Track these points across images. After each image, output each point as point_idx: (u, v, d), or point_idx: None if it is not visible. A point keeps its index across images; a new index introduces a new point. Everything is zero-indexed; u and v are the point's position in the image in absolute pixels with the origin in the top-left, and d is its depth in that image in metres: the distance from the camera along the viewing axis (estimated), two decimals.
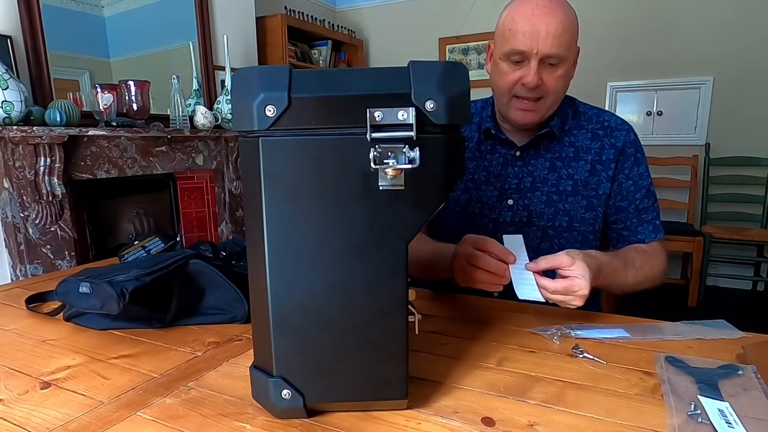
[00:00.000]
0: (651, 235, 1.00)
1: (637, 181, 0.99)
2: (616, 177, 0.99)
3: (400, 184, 0.47)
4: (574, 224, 1.00)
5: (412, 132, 0.45)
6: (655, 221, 1.01)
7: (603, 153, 0.99)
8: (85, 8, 2.34)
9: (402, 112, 0.46)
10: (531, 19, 0.85)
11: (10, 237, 1.99)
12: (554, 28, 0.85)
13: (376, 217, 0.48)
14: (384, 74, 0.48)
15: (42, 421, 0.53)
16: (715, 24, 3.14)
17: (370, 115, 0.45)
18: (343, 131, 0.47)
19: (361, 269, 0.50)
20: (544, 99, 0.92)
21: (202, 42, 2.77)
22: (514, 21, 0.87)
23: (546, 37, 0.85)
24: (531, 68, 0.88)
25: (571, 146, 1.00)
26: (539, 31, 0.85)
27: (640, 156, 1.00)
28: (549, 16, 0.85)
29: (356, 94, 0.46)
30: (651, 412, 0.54)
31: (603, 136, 1.00)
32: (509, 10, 0.90)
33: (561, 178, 0.99)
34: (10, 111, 1.77)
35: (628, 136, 0.99)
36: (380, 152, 0.45)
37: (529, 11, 0.86)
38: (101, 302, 0.73)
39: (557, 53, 0.87)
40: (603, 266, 0.82)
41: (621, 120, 1.02)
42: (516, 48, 0.87)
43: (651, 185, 1.01)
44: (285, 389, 0.51)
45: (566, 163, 0.99)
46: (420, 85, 0.46)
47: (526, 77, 0.89)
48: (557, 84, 0.90)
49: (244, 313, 0.80)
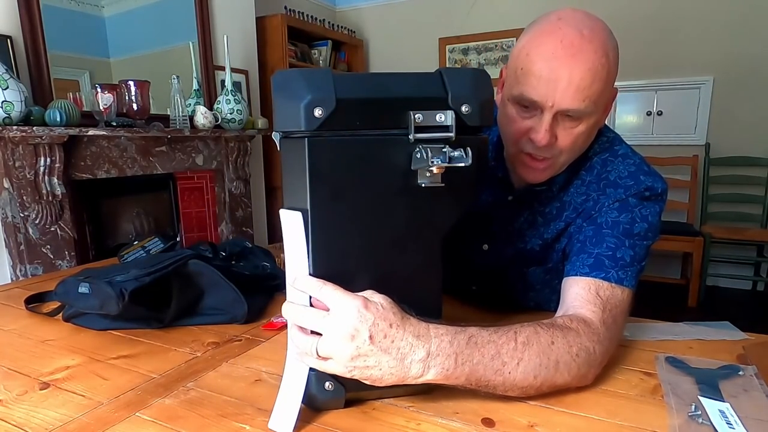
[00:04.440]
0: (581, 270, 0.68)
1: (607, 224, 0.72)
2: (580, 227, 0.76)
3: (439, 181, 0.50)
4: (536, 286, 0.85)
5: (451, 133, 0.49)
6: (606, 260, 0.68)
7: (581, 210, 0.77)
8: (85, 8, 2.34)
9: (440, 114, 0.50)
10: (551, 61, 0.64)
11: (10, 237, 1.99)
12: (579, 77, 0.63)
13: (416, 213, 0.52)
14: (420, 79, 0.51)
15: (41, 422, 0.53)
16: (715, 24, 3.13)
17: (412, 118, 0.49)
18: (384, 132, 0.50)
19: (400, 263, 0.53)
20: (556, 158, 0.72)
21: (202, 42, 2.77)
22: (530, 59, 0.66)
23: (567, 88, 0.64)
24: (543, 123, 0.67)
25: (558, 201, 0.79)
26: (559, 79, 0.64)
27: (633, 205, 0.72)
28: (575, 60, 0.63)
29: (398, 96, 0.49)
30: (651, 412, 0.54)
31: (594, 191, 0.76)
32: (527, 42, 0.68)
33: (534, 236, 0.81)
34: (10, 111, 1.77)
35: (627, 192, 0.73)
36: (429, 152, 0.48)
37: (550, 50, 0.64)
38: (100, 302, 0.73)
39: (578, 109, 0.65)
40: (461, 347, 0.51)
41: (630, 174, 0.74)
42: (527, 95, 0.66)
43: (634, 236, 0.71)
44: (327, 381, 0.52)
45: (546, 220, 0.80)
46: (455, 90, 0.50)
47: (535, 132, 0.68)
48: (575, 142, 0.69)
49: (244, 313, 0.80)
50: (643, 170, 0.75)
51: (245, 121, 2.76)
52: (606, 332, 0.61)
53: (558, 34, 0.64)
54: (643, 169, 0.75)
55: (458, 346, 0.50)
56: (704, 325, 0.77)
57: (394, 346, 0.48)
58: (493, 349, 0.52)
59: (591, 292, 0.66)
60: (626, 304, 0.68)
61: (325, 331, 0.48)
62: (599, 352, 0.59)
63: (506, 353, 0.52)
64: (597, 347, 0.59)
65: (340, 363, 0.48)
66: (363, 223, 0.51)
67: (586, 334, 0.59)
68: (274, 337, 0.76)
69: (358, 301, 0.48)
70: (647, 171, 0.75)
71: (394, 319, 0.49)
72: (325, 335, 0.48)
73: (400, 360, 0.48)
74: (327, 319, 0.48)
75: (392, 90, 0.50)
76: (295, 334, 0.51)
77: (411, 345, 0.48)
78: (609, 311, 0.64)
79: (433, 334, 0.50)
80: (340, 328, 0.47)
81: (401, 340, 0.48)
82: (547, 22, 0.67)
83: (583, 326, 0.60)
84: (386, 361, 0.48)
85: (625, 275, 0.68)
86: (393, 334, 0.48)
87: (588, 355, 0.58)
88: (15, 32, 2.00)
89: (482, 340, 0.52)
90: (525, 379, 0.53)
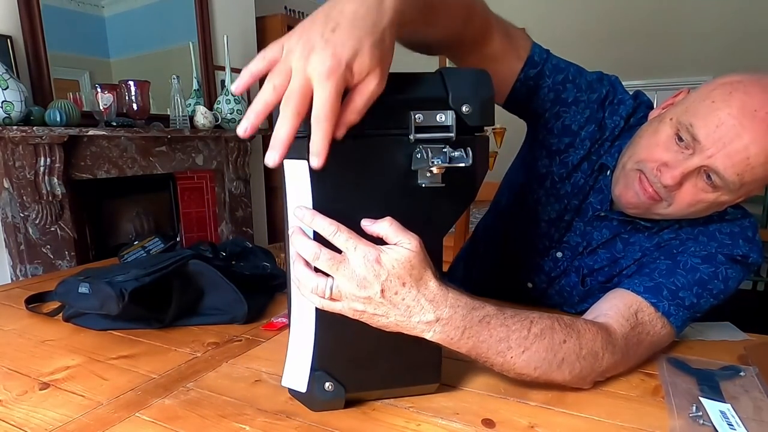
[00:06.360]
0: (636, 287, 0.66)
1: (685, 266, 0.68)
2: None
3: (439, 181, 0.50)
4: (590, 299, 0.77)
5: (452, 133, 0.49)
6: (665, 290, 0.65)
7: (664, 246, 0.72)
8: (85, 8, 2.34)
9: (440, 115, 0.49)
10: (744, 117, 0.57)
11: (10, 237, 1.99)
12: (757, 150, 0.57)
13: (416, 213, 0.51)
14: (420, 79, 0.51)
15: (41, 422, 0.53)
16: (715, 24, 3.14)
17: (413, 118, 0.49)
18: (385, 132, 0.49)
19: None
20: (662, 205, 0.65)
21: (202, 42, 2.77)
22: (727, 100, 0.59)
23: (736, 152, 0.58)
24: (684, 165, 0.61)
25: (657, 236, 0.73)
26: (738, 138, 0.57)
27: (720, 262, 0.68)
28: (764, 135, 0.57)
29: (398, 96, 0.49)
30: (652, 413, 0.54)
31: (685, 234, 0.71)
32: (737, 82, 0.60)
33: (607, 259, 0.78)
34: (10, 111, 1.77)
35: (720, 249, 0.68)
36: (429, 152, 0.48)
37: (752, 106, 0.57)
38: (100, 302, 0.73)
39: (726, 178, 0.59)
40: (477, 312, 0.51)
41: (731, 233, 0.70)
42: (695, 130, 0.60)
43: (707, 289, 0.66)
44: (327, 382, 0.52)
45: (625, 248, 0.76)
46: (456, 90, 0.50)
47: (668, 169, 0.62)
48: (692, 205, 0.64)
49: (244, 313, 0.79)
50: (746, 236, 0.69)
51: None
52: (624, 347, 0.59)
53: (762, 96, 0.57)
54: (746, 234, 0.70)
55: (470, 321, 0.50)
56: (705, 325, 0.77)
57: (404, 303, 0.48)
58: (503, 332, 0.52)
59: (630, 310, 0.63)
60: (661, 338, 0.65)
61: (337, 276, 0.47)
62: (607, 361, 0.58)
63: (515, 340, 0.52)
64: (607, 356, 0.57)
65: (349, 307, 0.48)
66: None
67: (601, 341, 0.57)
68: (274, 337, 0.75)
69: (373, 254, 0.47)
70: (749, 238, 0.69)
71: (409, 278, 0.47)
72: (336, 279, 0.47)
73: (408, 316, 0.48)
74: (341, 264, 0.47)
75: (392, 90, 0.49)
76: (300, 270, 0.48)
77: (422, 307, 0.48)
78: (638, 333, 0.62)
79: (450, 303, 0.49)
80: (353, 277, 0.47)
81: (412, 300, 0.48)
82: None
83: (604, 334, 0.58)
84: (393, 314, 0.48)
85: (676, 312, 0.64)
86: (405, 293, 0.48)
87: (594, 359, 0.56)
88: (15, 32, 2.00)
89: (496, 322, 0.51)
90: (525, 368, 0.54)
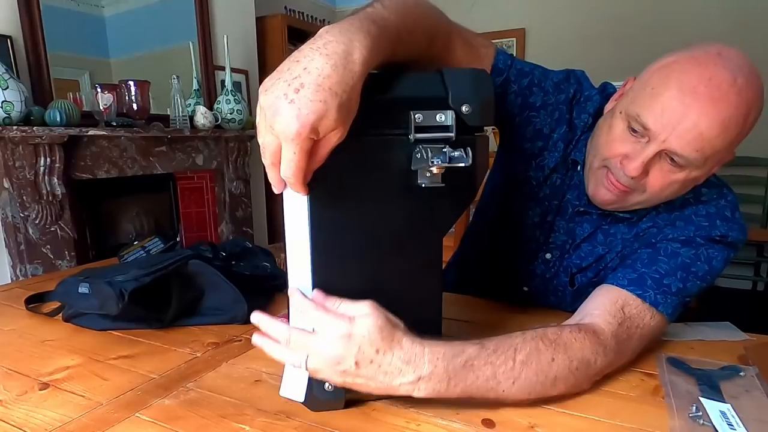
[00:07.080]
0: (620, 281, 0.65)
1: (666, 252, 0.68)
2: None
3: (439, 181, 0.50)
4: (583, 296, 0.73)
5: (451, 133, 0.49)
6: (650, 280, 0.65)
7: (643, 235, 0.73)
8: (85, 8, 2.34)
9: (440, 114, 0.49)
10: (687, 95, 0.57)
11: (10, 237, 1.99)
12: (707, 125, 0.57)
13: (416, 212, 0.52)
14: (420, 79, 0.51)
15: (40, 422, 0.53)
16: (715, 24, 3.13)
17: (412, 118, 0.49)
18: (385, 132, 0.50)
19: (400, 262, 0.53)
20: (635, 194, 0.66)
21: (202, 42, 2.77)
22: (665, 83, 0.59)
23: (688, 131, 0.57)
24: (643, 154, 0.61)
25: (636, 226, 0.74)
26: (685, 117, 0.57)
27: (699, 244, 0.68)
28: (713, 106, 0.56)
29: (398, 96, 0.49)
30: (652, 413, 0.54)
31: (662, 220, 0.71)
32: (672, 62, 0.61)
33: (591, 253, 0.78)
34: (10, 111, 1.77)
35: (698, 231, 0.68)
36: (429, 152, 0.48)
37: (692, 83, 0.57)
38: (100, 303, 0.73)
39: (687, 157, 0.59)
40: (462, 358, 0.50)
41: (708, 215, 0.69)
42: (643, 119, 0.60)
43: (691, 272, 0.66)
44: (327, 382, 0.52)
45: (606, 239, 0.76)
46: (456, 91, 0.50)
47: (629, 161, 0.62)
48: (664, 188, 0.64)
49: (244, 313, 0.79)
50: (723, 215, 0.69)
51: (245, 121, 2.76)
52: (615, 345, 0.59)
53: (710, 69, 0.57)
54: (723, 214, 0.69)
55: (453, 370, 0.49)
56: (705, 325, 0.77)
57: (381, 370, 0.48)
58: (489, 371, 0.51)
59: (616, 306, 0.63)
60: (652, 329, 0.64)
61: (310, 356, 0.48)
62: (600, 363, 0.58)
63: (503, 374, 0.52)
64: (599, 359, 0.57)
65: (329, 377, 0.49)
66: (363, 223, 0.51)
67: (590, 346, 0.57)
68: None
69: (342, 329, 0.47)
70: (726, 217, 0.69)
71: (382, 344, 0.47)
72: (311, 355, 0.48)
73: (389, 381, 0.48)
74: (312, 344, 0.48)
75: (392, 90, 0.50)
76: (277, 350, 0.51)
77: (400, 370, 0.48)
78: (626, 327, 0.62)
79: (428, 359, 0.48)
80: (326, 354, 0.48)
81: (388, 365, 0.48)
82: (704, 52, 0.59)
83: (591, 337, 0.58)
84: (374, 381, 0.48)
85: (664, 300, 0.64)
86: (380, 360, 0.47)
87: (587, 367, 0.56)
88: (15, 32, 2.00)
89: (479, 362, 0.51)
90: (519, 396, 0.53)
